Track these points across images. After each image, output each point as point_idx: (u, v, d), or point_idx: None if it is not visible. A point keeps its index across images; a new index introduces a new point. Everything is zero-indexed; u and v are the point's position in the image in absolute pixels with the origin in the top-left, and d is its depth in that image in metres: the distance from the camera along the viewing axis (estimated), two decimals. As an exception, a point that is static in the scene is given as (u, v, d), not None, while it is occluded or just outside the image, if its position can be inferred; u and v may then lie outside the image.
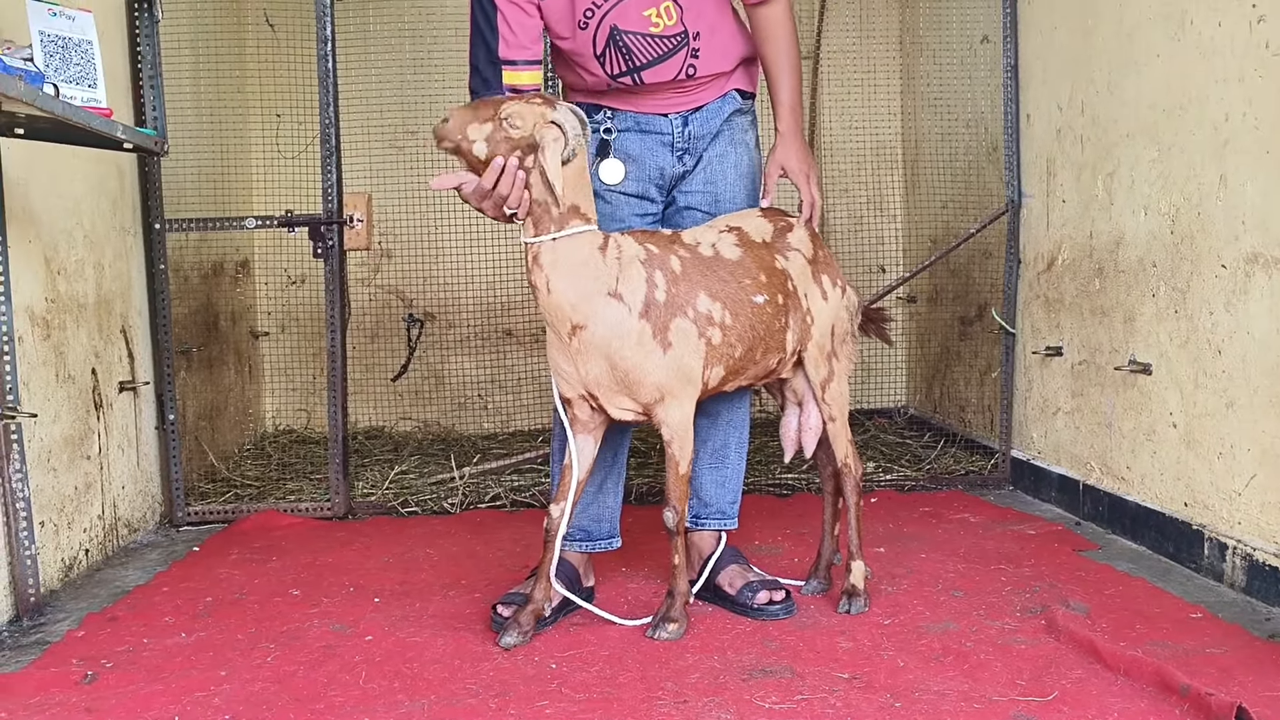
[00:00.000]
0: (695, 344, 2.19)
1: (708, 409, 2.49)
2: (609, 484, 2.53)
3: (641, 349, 2.14)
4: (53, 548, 2.68)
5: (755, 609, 2.35)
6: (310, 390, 4.67)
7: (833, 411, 2.44)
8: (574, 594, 2.42)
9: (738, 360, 2.26)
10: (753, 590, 2.37)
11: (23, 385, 2.51)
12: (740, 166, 2.48)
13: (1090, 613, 2.30)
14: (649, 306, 2.15)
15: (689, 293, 2.19)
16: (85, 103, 2.16)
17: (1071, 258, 3.21)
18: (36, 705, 1.97)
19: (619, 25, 2.29)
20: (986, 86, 3.84)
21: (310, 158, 3.74)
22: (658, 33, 2.31)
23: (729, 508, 2.55)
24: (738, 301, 2.24)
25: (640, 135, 2.44)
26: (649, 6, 2.29)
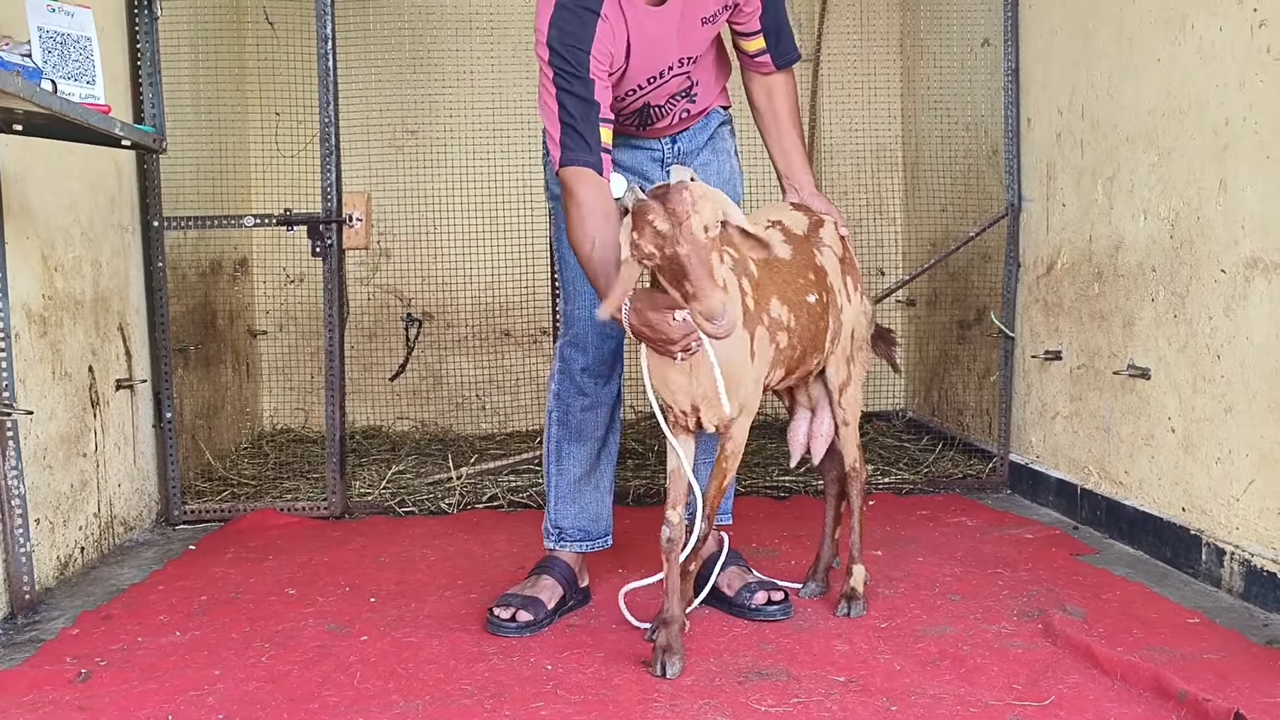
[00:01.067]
0: (768, 350, 2.11)
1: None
2: (604, 483, 2.55)
3: (743, 359, 2.05)
4: (48, 545, 2.67)
5: (753, 609, 2.35)
6: (308, 389, 4.66)
7: (846, 416, 2.39)
8: (571, 594, 2.44)
9: (795, 361, 2.21)
10: (750, 591, 2.37)
11: (19, 382, 2.50)
12: (723, 173, 2.51)
13: (1087, 617, 2.29)
14: (744, 316, 2.05)
15: (765, 298, 2.10)
16: (84, 99, 2.15)
17: (1071, 262, 3.21)
18: (30, 703, 1.96)
19: (651, 103, 2.36)
20: (987, 90, 3.83)
21: (309, 156, 3.73)
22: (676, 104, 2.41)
23: (725, 504, 2.57)
24: (798, 303, 2.17)
25: (631, 150, 2.47)
26: (680, 88, 2.37)
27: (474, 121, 4.04)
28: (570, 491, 2.53)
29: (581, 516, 2.52)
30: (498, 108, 4.00)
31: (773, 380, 2.19)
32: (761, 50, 2.39)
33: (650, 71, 2.29)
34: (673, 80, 2.33)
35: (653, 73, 2.29)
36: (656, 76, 2.30)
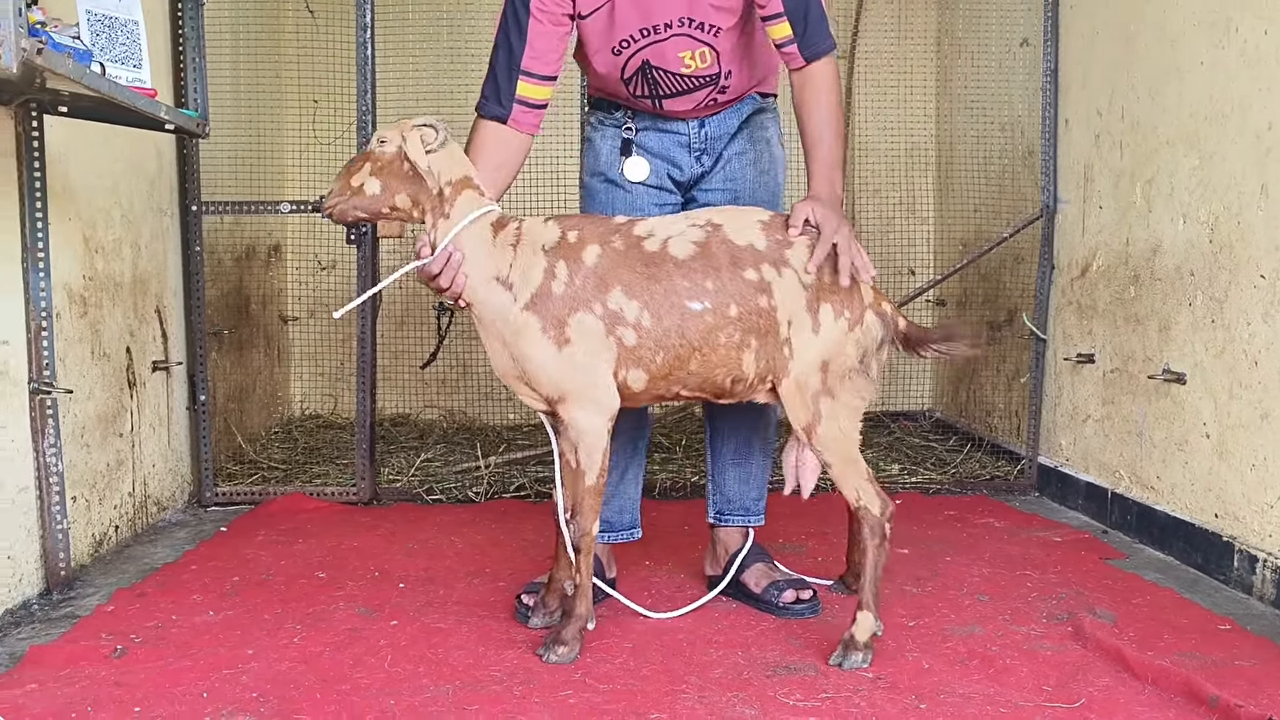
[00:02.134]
0: (601, 342, 2.06)
1: (730, 406, 2.49)
2: (630, 474, 2.54)
3: (529, 341, 2.06)
4: (84, 523, 2.71)
5: (781, 608, 2.35)
6: (337, 376, 4.69)
7: (826, 457, 2.14)
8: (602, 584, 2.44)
9: (660, 367, 2.09)
10: (778, 589, 2.37)
11: (59, 361, 2.53)
12: (761, 163, 2.46)
13: (1117, 621, 2.28)
14: (540, 298, 2.06)
15: (598, 287, 2.06)
16: (130, 82, 2.18)
17: (1107, 264, 3.19)
18: (67, 677, 1.99)
19: (651, 61, 2.30)
20: (1024, 90, 3.81)
21: (345, 144, 3.75)
22: (689, 73, 2.33)
23: (753, 504, 2.55)
24: (665, 304, 2.06)
25: (659, 134, 2.45)
26: (686, 49, 2.29)
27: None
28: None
29: (606, 509, 2.52)
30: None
31: (633, 382, 2.10)
32: (788, 39, 2.23)
33: (643, 22, 2.24)
34: (675, 39, 2.26)
35: (646, 24, 2.24)
36: (651, 30, 2.25)
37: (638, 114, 2.45)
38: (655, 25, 2.25)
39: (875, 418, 4.74)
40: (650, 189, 2.46)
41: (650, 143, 2.44)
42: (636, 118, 2.44)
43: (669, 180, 2.47)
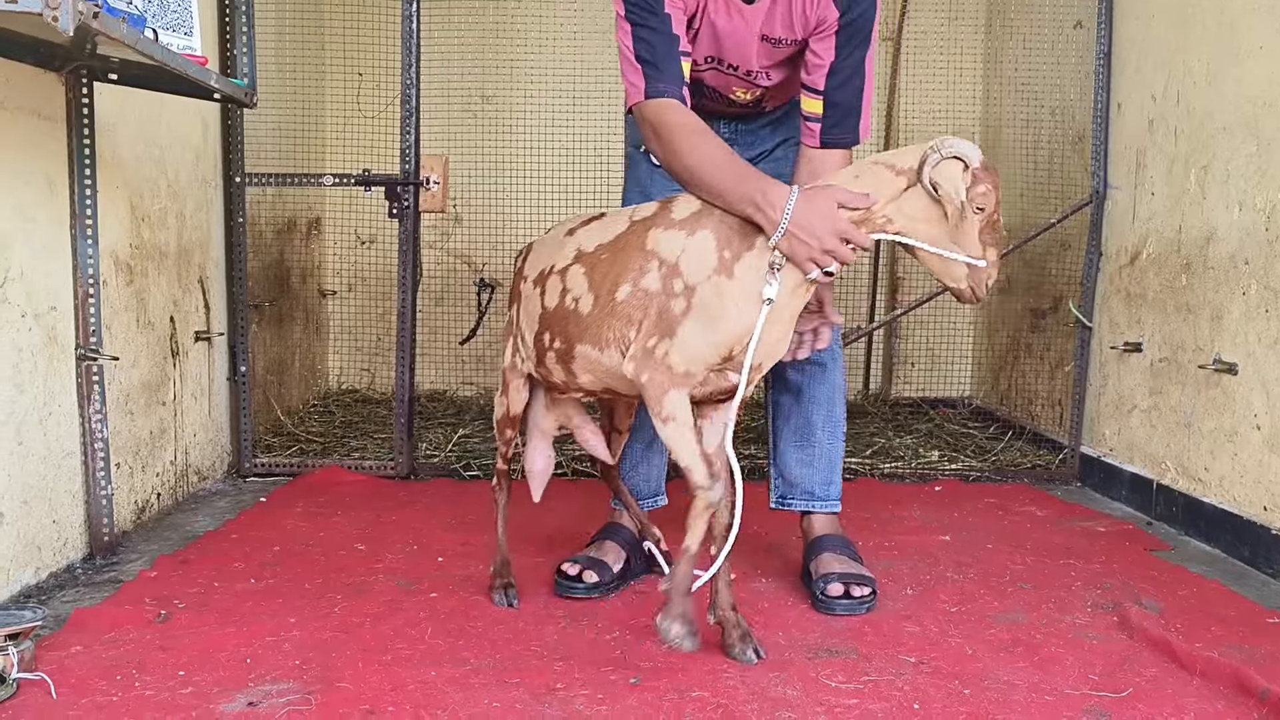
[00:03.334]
0: None
1: (791, 385, 2.47)
2: (657, 444, 2.54)
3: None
4: (127, 490, 2.73)
5: (820, 599, 2.26)
6: (374, 351, 4.71)
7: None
8: (635, 558, 2.46)
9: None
10: (827, 580, 2.29)
11: (105, 329, 2.55)
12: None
13: (1164, 612, 2.25)
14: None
15: None
16: (181, 49, 2.18)
17: (1158, 252, 3.14)
18: (112, 640, 2.00)
19: (706, 81, 2.33)
20: (1076, 73, 3.75)
21: (386, 118, 3.76)
22: (736, 100, 2.38)
23: (819, 488, 2.48)
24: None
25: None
26: (739, 87, 2.34)
27: (553, 89, 4.03)
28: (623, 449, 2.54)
29: (633, 475, 2.54)
30: (578, 75, 3.99)
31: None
32: (815, 116, 2.21)
33: (713, 52, 2.27)
34: (732, 78, 2.32)
35: (714, 55, 2.27)
36: (717, 61, 2.28)
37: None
38: (721, 61, 2.28)
39: (914, 404, 4.71)
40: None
41: None
42: None
43: None
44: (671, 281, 1.92)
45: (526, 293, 2.19)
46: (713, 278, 1.90)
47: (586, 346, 2.02)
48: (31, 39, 2.16)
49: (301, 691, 1.80)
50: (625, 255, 1.99)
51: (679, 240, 1.94)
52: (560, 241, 2.15)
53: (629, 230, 2.02)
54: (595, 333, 2.00)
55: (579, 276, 2.04)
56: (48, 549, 2.36)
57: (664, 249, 1.95)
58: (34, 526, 2.31)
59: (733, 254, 1.91)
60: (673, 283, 1.92)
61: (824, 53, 2.19)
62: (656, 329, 1.92)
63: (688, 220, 1.97)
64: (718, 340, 1.90)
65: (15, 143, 2.23)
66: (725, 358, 1.93)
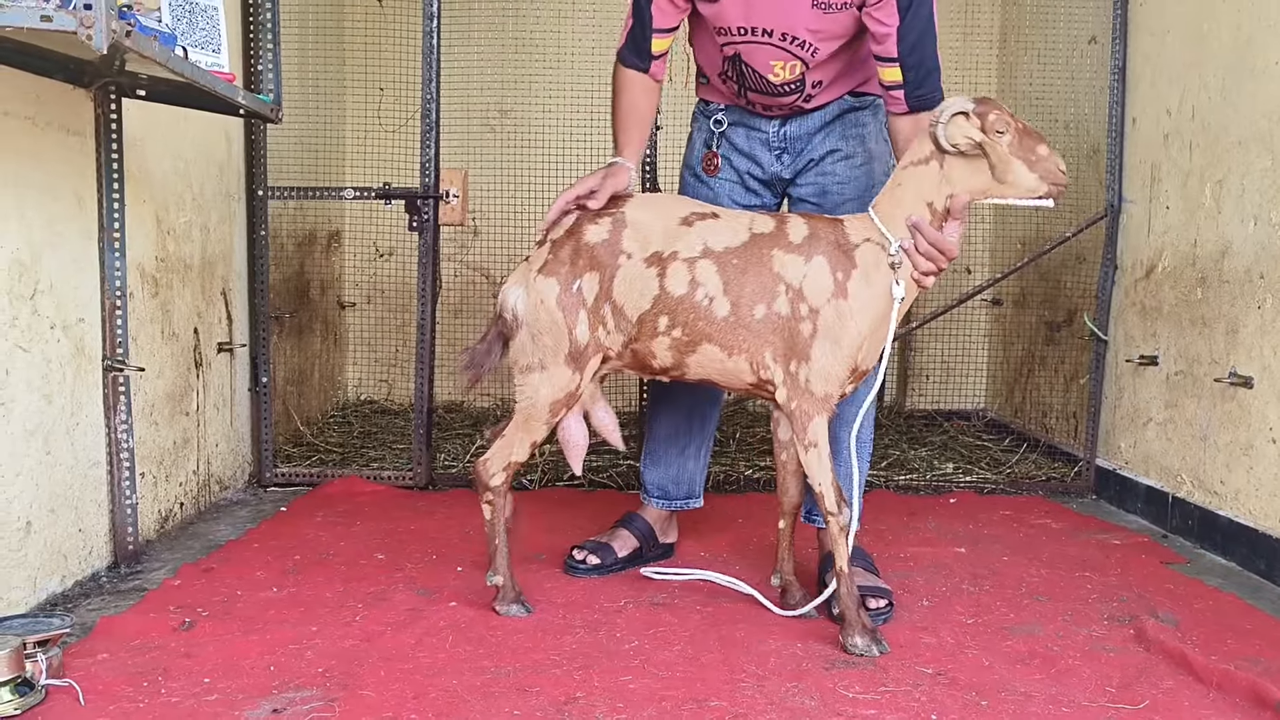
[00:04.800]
0: None
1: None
2: (690, 449, 2.65)
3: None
4: (150, 499, 2.76)
5: (837, 614, 2.24)
6: (392, 362, 4.75)
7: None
8: (649, 547, 2.62)
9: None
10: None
11: (131, 340, 2.59)
12: (854, 160, 2.46)
13: (1180, 625, 2.26)
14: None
15: None
16: (210, 67, 2.22)
17: (1173, 265, 3.15)
18: (138, 647, 2.03)
19: (743, 56, 2.35)
20: (1090, 88, 3.77)
21: (406, 132, 3.79)
22: (775, 81, 2.37)
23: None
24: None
25: (746, 130, 2.52)
26: (778, 59, 2.33)
27: (572, 104, 4.06)
28: (655, 449, 2.68)
29: (664, 477, 2.67)
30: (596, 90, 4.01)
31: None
32: (897, 83, 2.26)
33: (743, 20, 2.28)
34: (769, 49, 2.30)
35: (745, 23, 2.28)
36: (749, 30, 2.29)
37: (729, 109, 2.51)
38: (754, 28, 2.29)
39: (929, 416, 4.73)
40: (732, 184, 2.53)
41: (737, 139, 2.52)
42: (728, 112, 2.51)
43: (751, 179, 2.52)
44: (798, 305, 2.11)
45: (633, 270, 2.18)
46: (832, 300, 2.10)
47: (714, 347, 2.16)
48: (62, 56, 2.20)
49: (325, 699, 1.82)
50: (757, 271, 2.14)
51: (800, 266, 2.13)
52: (676, 230, 2.19)
53: (753, 242, 2.16)
54: (727, 338, 2.15)
55: (712, 274, 2.14)
56: (74, 557, 2.40)
57: (789, 274, 2.13)
58: (61, 535, 2.34)
59: (844, 275, 2.11)
60: (799, 306, 2.11)
61: (888, 19, 2.21)
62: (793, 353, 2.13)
63: (803, 245, 2.14)
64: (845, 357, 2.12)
65: (46, 158, 2.27)
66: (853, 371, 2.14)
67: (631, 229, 2.21)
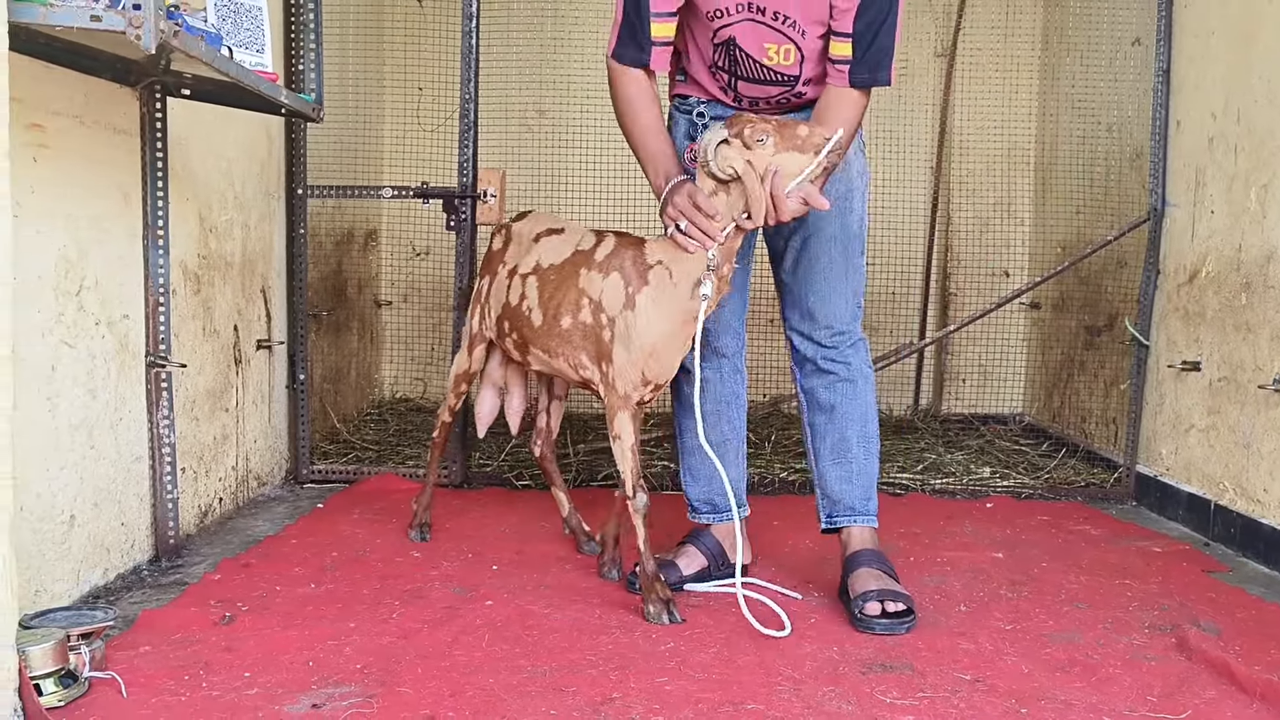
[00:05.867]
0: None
1: (824, 405, 2.48)
2: (727, 457, 2.54)
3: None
4: (191, 494, 2.79)
5: (859, 618, 2.25)
6: (427, 361, 4.77)
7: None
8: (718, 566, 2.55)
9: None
10: (865, 599, 2.27)
11: (174, 336, 2.62)
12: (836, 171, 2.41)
13: (1222, 634, 2.23)
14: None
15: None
16: (253, 66, 2.24)
17: (1217, 270, 3.11)
18: (179, 641, 2.05)
19: (737, 39, 2.32)
20: (1134, 90, 3.73)
21: (444, 132, 3.81)
22: (769, 65, 2.34)
23: (859, 503, 2.48)
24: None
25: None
26: (772, 42, 2.31)
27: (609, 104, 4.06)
28: (691, 463, 2.60)
29: (707, 490, 2.58)
30: (633, 91, 4.04)
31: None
32: (845, 59, 2.25)
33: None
34: (765, 30, 2.27)
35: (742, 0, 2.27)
36: (746, 7, 2.26)
37: (710, 103, 2.47)
38: (750, 3, 2.26)
39: (965, 420, 4.69)
40: None
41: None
42: (709, 105, 2.47)
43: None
44: (599, 315, 2.31)
45: (501, 278, 2.58)
46: (623, 312, 2.28)
47: (539, 350, 2.46)
48: (110, 56, 2.23)
49: (363, 695, 1.84)
50: (568, 286, 2.38)
51: (598, 281, 2.33)
52: (529, 245, 2.54)
53: (571, 259, 2.41)
54: (546, 343, 2.42)
55: (533, 288, 2.44)
56: (116, 551, 2.43)
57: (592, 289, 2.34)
58: (103, 529, 2.37)
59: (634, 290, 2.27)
60: (600, 316, 2.31)
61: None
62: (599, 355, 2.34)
63: (604, 262, 2.34)
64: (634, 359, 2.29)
65: (93, 156, 2.30)
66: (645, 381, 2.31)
67: (513, 241, 2.61)
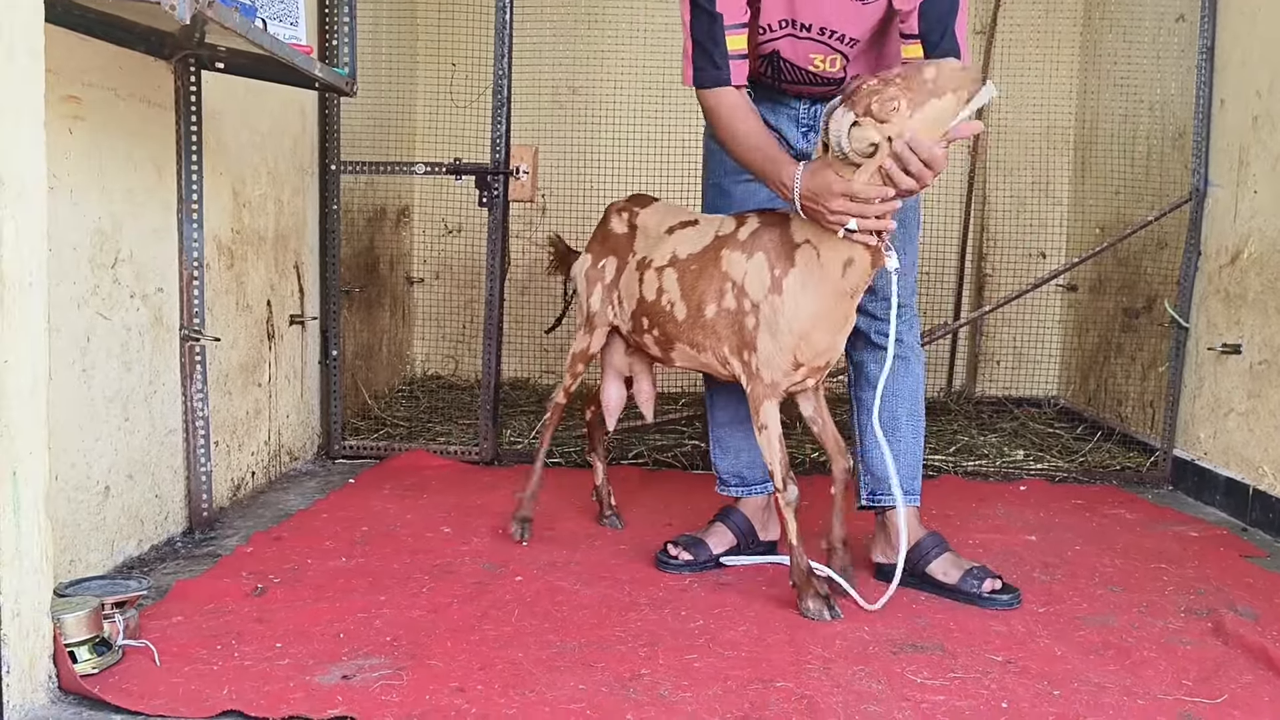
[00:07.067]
0: None
1: (873, 381, 2.46)
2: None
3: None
4: (224, 468, 2.81)
5: (984, 598, 2.25)
6: (459, 339, 4.78)
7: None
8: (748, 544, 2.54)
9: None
10: (977, 579, 2.28)
11: (208, 310, 2.63)
12: None
13: (1260, 619, 2.20)
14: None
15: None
16: (288, 39, 2.23)
17: (1260, 252, 3.05)
18: (211, 611, 2.07)
19: (782, 53, 2.31)
20: (1177, 68, 3.66)
21: (475, 109, 3.80)
22: (816, 72, 2.33)
23: (906, 482, 2.43)
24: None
25: (773, 104, 2.45)
26: (819, 53, 2.30)
27: (642, 82, 4.05)
28: (720, 436, 2.60)
29: (736, 463, 2.58)
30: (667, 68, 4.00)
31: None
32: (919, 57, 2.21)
33: (787, 14, 2.24)
34: (809, 43, 2.27)
35: (788, 17, 2.24)
36: (790, 23, 2.25)
37: (757, 85, 2.44)
38: (796, 21, 2.26)
39: (999, 403, 4.65)
40: None
41: (763, 112, 2.44)
42: (754, 87, 2.44)
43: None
44: (742, 300, 2.20)
45: (630, 269, 2.44)
46: (768, 296, 2.17)
47: (685, 346, 2.32)
48: (145, 28, 2.24)
49: (393, 667, 1.84)
50: (710, 273, 2.26)
51: (741, 262, 2.22)
52: (661, 238, 2.40)
53: (712, 245, 2.29)
54: (692, 337, 2.30)
55: (673, 281, 2.31)
56: (150, 522, 2.45)
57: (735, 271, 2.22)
58: (138, 500, 2.39)
59: (781, 273, 2.16)
60: (743, 301, 2.20)
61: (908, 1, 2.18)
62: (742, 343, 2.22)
63: (747, 241, 2.23)
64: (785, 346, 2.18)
65: (127, 128, 2.31)
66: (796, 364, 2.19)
67: (640, 232, 2.48)
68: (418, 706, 1.69)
